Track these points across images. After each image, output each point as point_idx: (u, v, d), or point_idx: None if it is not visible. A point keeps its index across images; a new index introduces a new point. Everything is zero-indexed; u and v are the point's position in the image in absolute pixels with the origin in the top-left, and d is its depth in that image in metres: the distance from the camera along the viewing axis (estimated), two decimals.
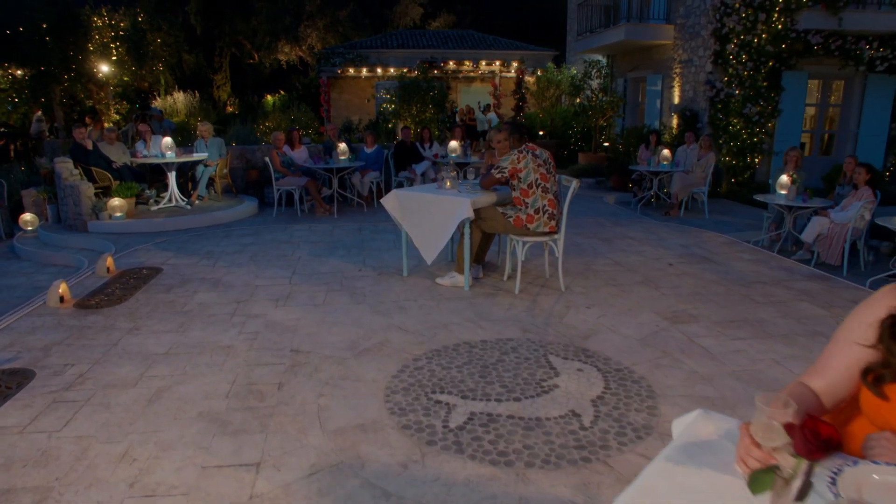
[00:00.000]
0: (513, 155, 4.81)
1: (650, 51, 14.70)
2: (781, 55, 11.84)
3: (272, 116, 14.73)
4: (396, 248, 6.65)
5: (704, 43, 12.47)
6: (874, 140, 13.10)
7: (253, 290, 5.13)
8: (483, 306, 4.73)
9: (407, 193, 5.16)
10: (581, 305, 4.79)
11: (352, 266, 5.91)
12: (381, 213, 8.92)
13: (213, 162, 9.35)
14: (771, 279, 5.65)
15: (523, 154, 4.79)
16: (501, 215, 4.94)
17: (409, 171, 9.93)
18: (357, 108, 21.25)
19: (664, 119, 14.27)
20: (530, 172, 4.80)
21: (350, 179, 10.02)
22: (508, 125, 5.00)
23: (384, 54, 21.76)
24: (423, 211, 5.07)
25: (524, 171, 4.79)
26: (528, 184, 4.81)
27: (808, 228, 7.42)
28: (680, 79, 13.54)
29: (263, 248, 6.66)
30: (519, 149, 4.85)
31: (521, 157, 4.79)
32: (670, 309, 4.74)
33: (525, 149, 4.84)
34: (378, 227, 7.84)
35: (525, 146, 4.88)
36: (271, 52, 30.04)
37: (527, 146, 4.89)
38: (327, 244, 6.86)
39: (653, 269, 5.91)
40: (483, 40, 24.45)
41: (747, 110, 11.93)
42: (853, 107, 13.04)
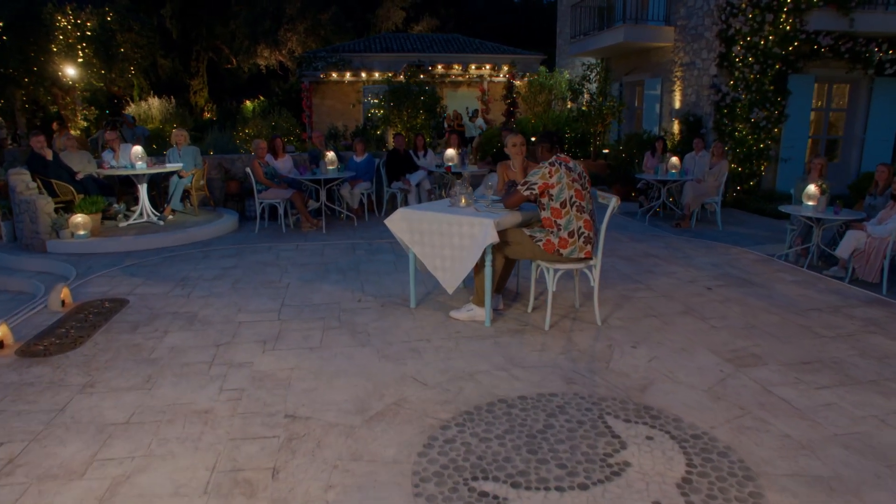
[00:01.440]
0: (543, 168, 4.10)
1: (648, 53, 14.15)
2: (788, 58, 11.33)
3: (252, 123, 13.90)
4: (397, 270, 5.90)
5: (708, 45, 11.92)
6: (882, 145, 12.66)
7: (235, 329, 4.34)
8: (511, 347, 4.00)
9: (417, 213, 4.42)
10: (625, 344, 4.08)
11: (349, 294, 5.15)
12: (374, 228, 8.16)
13: (189, 172, 8.52)
14: (824, 305, 5.00)
15: (556, 167, 4.08)
16: (529, 239, 4.22)
17: (403, 181, 9.19)
18: (341, 113, 20.45)
19: (664, 124, 13.70)
20: (564, 189, 4.09)
21: (339, 191, 9.25)
22: (540, 137, 4.30)
23: (368, 58, 21.01)
24: (438, 234, 4.33)
25: (557, 186, 4.08)
26: (560, 202, 4.10)
27: (844, 243, 6.82)
28: (681, 82, 12.98)
29: (246, 273, 5.86)
30: (549, 160, 4.14)
31: (554, 171, 4.08)
32: (727, 346, 4.06)
33: (557, 161, 4.13)
34: (373, 246, 7.08)
35: (556, 157, 4.18)
36: (250, 57, 29.13)
37: (558, 157, 4.18)
38: (318, 266, 6.08)
39: (690, 294, 5.23)
40: (469, 44, 23.82)
41: (754, 115, 11.39)
42: (859, 111, 12.59)
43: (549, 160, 4.14)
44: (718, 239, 8.04)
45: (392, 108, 12.64)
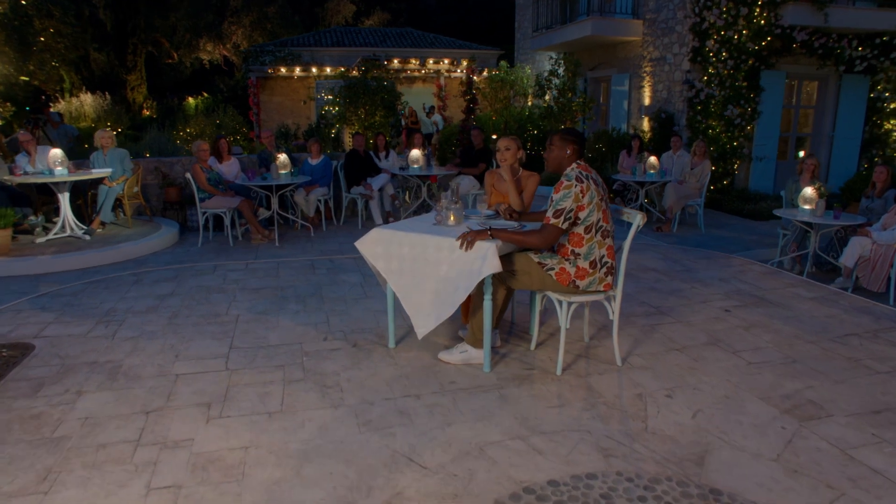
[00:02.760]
0: (574, 186, 3.28)
1: (615, 48, 13.63)
2: (761, 53, 10.94)
3: (194, 121, 12.73)
4: (367, 296, 5.05)
5: (680, 39, 11.44)
6: (850, 143, 12.48)
7: (171, 386, 3.42)
8: (522, 402, 3.22)
9: (397, 234, 3.58)
10: (657, 391, 3.36)
11: (312, 330, 4.27)
12: (333, 239, 7.28)
13: (115, 181, 7.42)
14: (859, 328, 4.42)
15: (585, 184, 3.31)
16: (538, 266, 3.44)
17: (364, 186, 8.31)
18: (291, 111, 19.30)
19: (633, 121, 13.21)
20: (593, 211, 3.33)
21: (292, 198, 8.31)
22: (566, 133, 3.46)
23: (319, 52, 19.90)
24: (422, 260, 3.51)
25: (587, 209, 3.31)
26: (586, 227, 3.34)
27: (849, 251, 6.32)
28: (651, 78, 12.49)
29: (187, 302, 4.90)
30: (576, 173, 3.34)
31: (586, 189, 3.30)
32: (776, 391, 3.39)
33: (583, 173, 3.36)
34: (335, 263, 6.19)
35: (580, 167, 3.41)
36: (192, 51, 27.49)
37: (579, 166, 3.42)
38: (273, 292, 5.17)
39: (709, 319, 4.57)
40: (423, 38, 22.98)
41: (728, 112, 10.97)
42: (828, 109, 12.37)
43: (575, 172, 3.34)
44: (704, 244, 7.51)
45: (348, 105, 11.70)
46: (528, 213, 3.93)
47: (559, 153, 3.40)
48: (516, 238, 3.33)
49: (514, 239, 3.34)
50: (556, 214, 3.26)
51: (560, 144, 3.41)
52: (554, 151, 3.42)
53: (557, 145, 3.41)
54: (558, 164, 3.43)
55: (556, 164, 3.44)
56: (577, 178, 3.29)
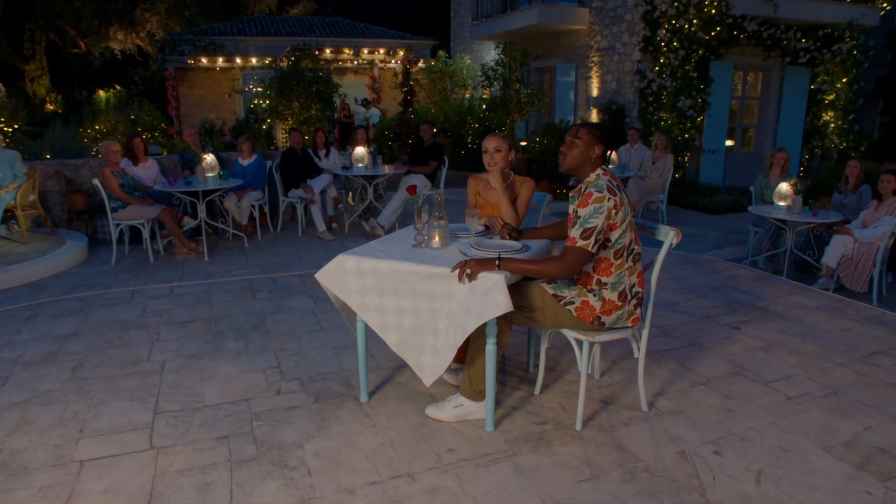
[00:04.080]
0: (606, 200, 2.58)
1: (559, 37, 13.15)
2: (711, 43, 10.70)
3: (105, 116, 11.35)
4: (322, 327, 4.22)
5: (630, 28, 11.04)
6: (793, 133, 12.50)
7: (73, 482, 2.51)
8: (544, 475, 2.52)
9: (375, 263, 2.79)
10: (702, 447, 2.74)
11: (260, 378, 3.42)
12: (272, 251, 6.38)
13: (5, 188, 6.23)
14: (881, 343, 3.99)
15: (619, 196, 2.63)
16: (552, 300, 2.75)
17: (304, 188, 7.40)
18: (214, 105, 17.89)
19: (581, 113, 12.78)
20: (626, 231, 2.66)
21: (222, 204, 7.31)
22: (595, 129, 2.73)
23: (243, 42, 18.57)
24: (408, 295, 2.75)
25: (619, 228, 2.63)
26: (616, 251, 2.66)
27: (831, 250, 6.00)
28: (599, 68, 12.08)
29: (96, 344, 3.92)
30: (607, 183, 2.65)
31: (620, 204, 2.62)
32: (835, 436, 2.84)
33: (614, 183, 2.68)
34: (277, 283, 5.31)
35: (604, 173, 2.73)
36: (101, 40, 25.29)
37: (605, 173, 2.74)
38: (206, 326, 4.26)
39: (721, 339, 4.03)
40: (354, 28, 21.95)
41: (681, 103, 10.67)
42: (772, 99, 12.34)
43: (605, 182, 2.64)
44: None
45: (280, 98, 10.67)
46: (528, 230, 3.22)
47: (585, 152, 2.70)
48: (530, 268, 2.62)
49: (529, 269, 2.62)
50: (585, 235, 2.56)
51: (588, 141, 2.70)
52: (579, 148, 2.71)
53: (585, 141, 2.70)
54: (579, 165, 2.73)
55: (577, 165, 2.73)
56: (608, 188, 2.61)
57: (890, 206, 5.96)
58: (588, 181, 2.71)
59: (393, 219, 7.51)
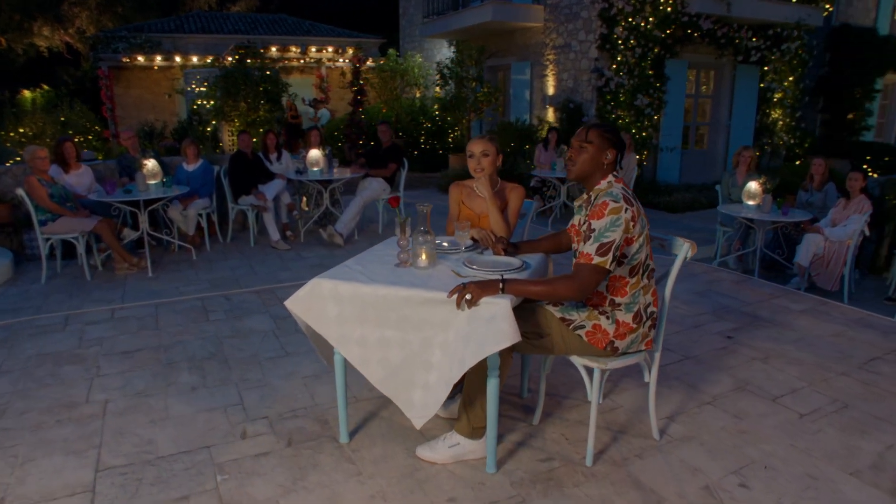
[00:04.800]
0: (624, 211, 2.28)
1: (513, 35, 12.94)
2: (666, 42, 10.68)
3: (31, 118, 10.46)
4: (287, 352, 3.80)
5: (586, 25, 10.92)
6: (744, 132, 12.67)
7: None
8: None
9: (356, 287, 2.42)
10: (725, 480, 2.48)
11: (222, 419, 2.99)
12: (223, 263, 5.89)
13: None
14: (875, 348, 3.86)
15: (636, 206, 2.35)
16: (560, 324, 2.44)
17: (256, 195, 6.90)
18: (153, 105, 16.96)
19: (537, 112, 12.62)
20: (643, 245, 2.37)
21: (166, 213, 6.74)
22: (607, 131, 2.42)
23: (182, 40, 17.67)
24: (394, 325, 2.39)
25: (637, 241, 2.34)
26: (632, 267, 2.37)
27: (803, 250, 5.95)
28: (555, 66, 11.92)
29: (22, 385, 3.39)
30: (622, 191, 2.36)
31: (637, 215, 2.34)
32: (860, 458, 2.64)
33: (626, 191, 2.39)
34: (233, 301, 4.84)
35: (617, 181, 2.43)
36: (24, 35, 23.67)
37: (618, 180, 2.44)
38: (155, 356, 3.78)
39: (716, 350, 3.82)
40: (299, 26, 21.26)
41: (638, 102, 10.61)
42: (724, 98, 12.46)
43: (619, 190, 2.35)
44: None
45: (225, 98, 10.06)
46: (524, 244, 2.90)
47: (597, 157, 2.40)
48: (539, 290, 2.29)
49: (537, 292, 2.30)
50: (602, 251, 2.25)
51: (600, 145, 2.40)
52: (589, 152, 2.40)
53: (597, 145, 2.40)
54: (590, 172, 2.43)
55: (587, 173, 2.43)
56: (624, 198, 2.31)
57: (858, 205, 5.94)
58: (599, 189, 2.41)
59: (351, 225, 7.11)
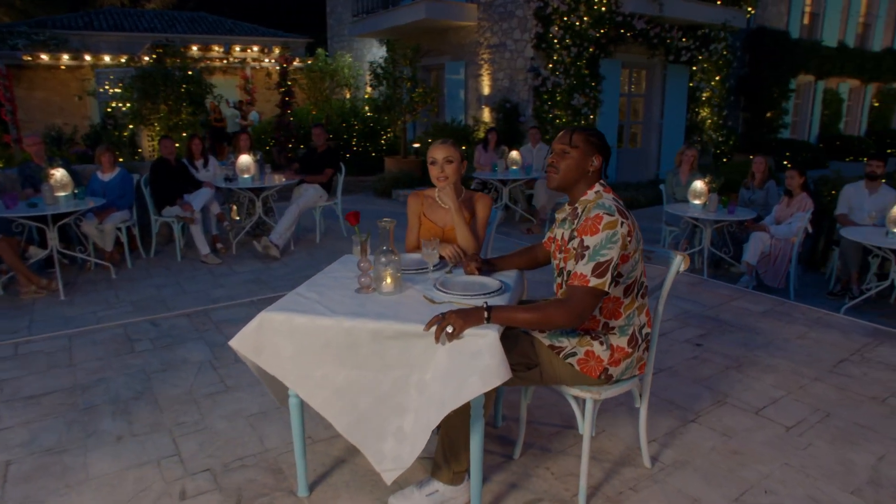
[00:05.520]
0: (619, 226, 2.02)
1: (446, 33, 12.72)
2: (600, 41, 10.71)
3: None
4: (228, 386, 3.37)
5: (521, 24, 10.82)
6: (676, 130, 12.94)
7: None
8: None
9: (317, 320, 2.05)
10: None
11: (154, 473, 2.55)
12: (146, 280, 5.35)
13: None
14: (841, 350, 3.82)
15: (630, 220, 2.09)
16: (548, 352, 2.17)
17: (182, 205, 6.33)
18: (61, 108, 15.72)
19: (472, 112, 12.44)
20: (638, 261, 2.13)
21: (79, 228, 6.08)
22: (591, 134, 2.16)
23: (92, 37, 16.48)
24: (364, 362, 2.05)
25: (633, 257, 2.09)
26: (627, 286, 2.13)
27: (751, 248, 5.96)
28: (490, 66, 11.78)
29: None
30: (614, 203, 2.11)
31: (632, 227, 2.09)
32: (855, 473, 2.51)
33: (617, 201, 2.14)
34: (160, 326, 4.33)
35: (605, 190, 2.18)
36: None
37: (606, 189, 2.19)
38: (69, 399, 3.26)
39: (687, 360, 3.67)
40: (220, 24, 20.33)
41: (575, 101, 10.59)
42: (656, 97, 12.68)
43: (610, 201, 2.10)
44: None
45: (144, 101, 9.32)
46: (498, 260, 2.62)
47: (581, 164, 2.15)
48: (529, 318, 2.01)
49: (527, 320, 2.01)
50: (599, 271, 1.98)
51: (585, 150, 2.15)
52: (574, 159, 2.14)
53: (582, 150, 2.14)
54: (574, 180, 2.17)
55: (571, 181, 2.17)
56: (619, 211, 2.06)
57: (801, 202, 6.01)
58: (586, 200, 2.16)
59: (287, 235, 6.65)
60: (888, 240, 4.86)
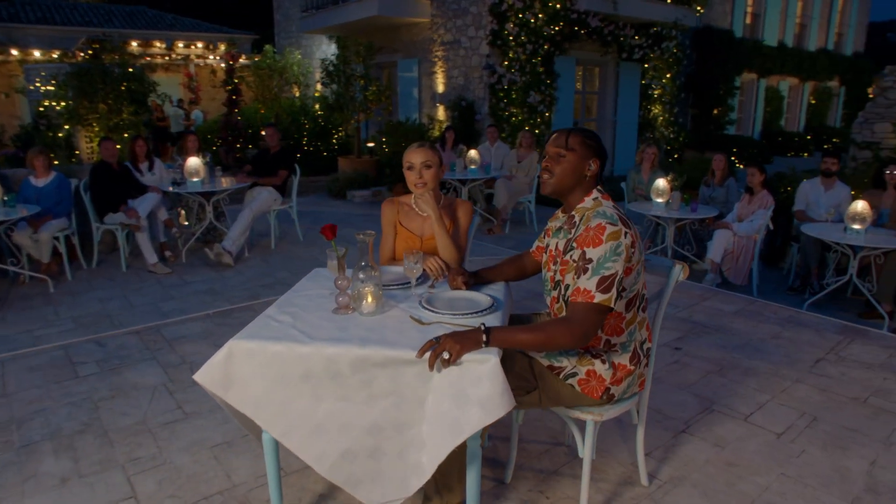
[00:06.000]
0: (623, 236, 1.87)
1: (399, 30, 12.48)
2: (556, 38, 10.69)
3: None
4: (186, 413, 3.10)
5: (476, 21, 10.69)
6: (629, 127, 13.07)
7: None
8: None
9: (294, 348, 1.83)
10: None
11: None
12: (88, 293, 4.97)
13: None
14: (814, 347, 3.82)
15: (632, 227, 1.94)
16: (548, 373, 2.01)
17: (126, 212, 5.92)
18: None
19: (427, 111, 12.25)
20: (640, 273, 1.99)
21: (9, 238, 5.61)
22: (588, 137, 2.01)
23: (19, 31, 15.51)
24: (349, 394, 1.84)
25: (635, 269, 1.94)
26: (630, 299, 1.98)
27: (715, 245, 5.99)
28: (444, 63, 11.61)
29: None
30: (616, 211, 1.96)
31: (635, 237, 1.94)
32: (852, 480, 2.46)
33: (616, 206, 2.00)
34: (106, 345, 3.99)
35: (603, 197, 2.04)
36: None
37: (604, 196, 2.04)
38: (2, 434, 2.93)
39: (668, 365, 3.58)
40: (161, 19, 19.49)
41: (531, 98, 10.54)
42: (609, 94, 12.77)
43: (611, 209, 1.95)
44: None
45: (80, 99, 8.75)
46: (485, 272, 2.44)
47: (579, 168, 1.99)
48: (531, 339, 1.84)
49: (529, 341, 1.84)
50: (605, 286, 1.83)
51: (582, 153, 1.99)
52: (570, 163, 1.99)
53: (578, 153, 1.99)
54: (571, 186, 2.02)
55: (567, 187, 2.02)
56: (621, 219, 1.92)
57: (762, 200, 6.06)
58: (584, 208, 2.01)
59: (241, 241, 6.33)
60: (847, 235, 4.94)
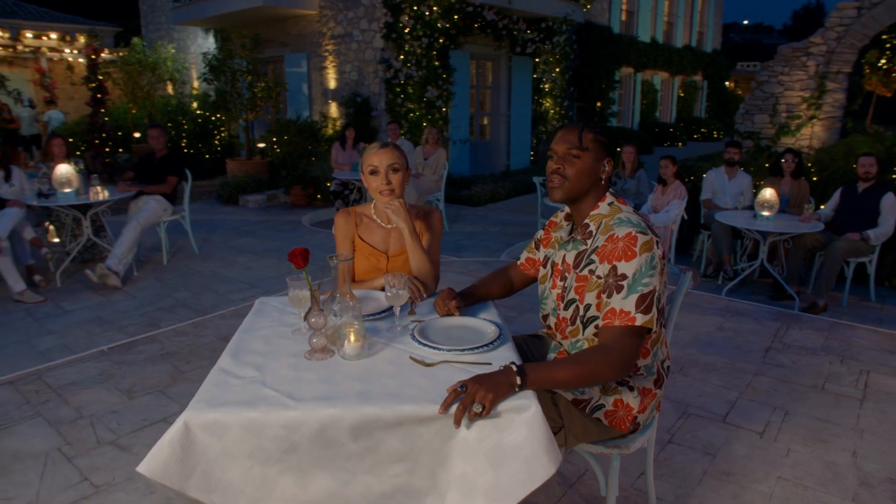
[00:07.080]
0: (655, 247, 1.62)
1: (285, 23, 11.76)
2: (450, 32, 10.49)
3: None
4: (97, 486, 2.51)
5: (368, 13, 10.25)
6: (522, 121, 13.18)
7: None
8: None
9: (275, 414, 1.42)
10: None
11: None
12: None
13: None
14: (758, 337, 3.86)
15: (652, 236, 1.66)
16: (573, 408, 1.73)
17: None
18: None
19: (318, 107, 11.65)
20: (665, 287, 1.73)
21: None
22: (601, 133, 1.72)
23: None
24: (352, 467, 1.46)
25: (663, 282, 1.69)
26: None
27: None
28: (335, 57, 11.07)
29: None
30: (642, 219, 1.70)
31: (664, 249, 1.68)
32: (843, 476, 2.41)
33: (643, 216, 1.74)
34: None
35: (619, 201, 1.78)
36: None
37: (620, 200, 1.79)
38: None
39: None
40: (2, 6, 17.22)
41: (429, 94, 10.28)
42: (503, 88, 12.79)
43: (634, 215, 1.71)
44: (463, 247, 6.73)
45: None
46: (475, 290, 2.12)
47: (595, 169, 1.73)
48: (571, 376, 1.53)
49: (569, 379, 1.54)
50: (644, 306, 1.57)
51: (597, 153, 1.73)
52: (585, 162, 1.71)
53: (594, 152, 1.72)
54: (585, 191, 1.75)
55: (582, 192, 1.75)
56: (649, 227, 1.67)
57: (676, 190, 6.19)
58: (599, 215, 1.75)
59: (129, 259, 5.54)
60: (757, 222, 5.11)
